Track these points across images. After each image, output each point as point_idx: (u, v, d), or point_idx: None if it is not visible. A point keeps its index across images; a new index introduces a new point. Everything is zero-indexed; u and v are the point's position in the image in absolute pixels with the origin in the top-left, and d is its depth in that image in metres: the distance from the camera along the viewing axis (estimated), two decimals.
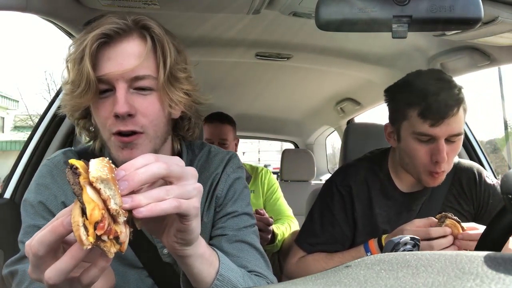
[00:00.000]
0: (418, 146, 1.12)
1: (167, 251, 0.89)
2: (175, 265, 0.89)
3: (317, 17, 0.72)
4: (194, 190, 0.57)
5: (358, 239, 1.25)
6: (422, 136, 1.11)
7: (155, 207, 0.51)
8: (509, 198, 0.61)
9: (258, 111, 3.16)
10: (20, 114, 19.76)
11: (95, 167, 0.48)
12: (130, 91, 0.78)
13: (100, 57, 0.76)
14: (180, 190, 0.54)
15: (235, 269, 0.75)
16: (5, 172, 2.42)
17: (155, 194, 0.51)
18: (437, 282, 0.34)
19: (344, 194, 1.27)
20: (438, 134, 1.08)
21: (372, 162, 1.32)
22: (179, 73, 0.82)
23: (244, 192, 0.96)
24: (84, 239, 0.45)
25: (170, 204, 0.52)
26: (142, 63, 0.76)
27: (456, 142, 1.11)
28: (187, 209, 0.54)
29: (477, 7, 0.71)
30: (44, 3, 1.05)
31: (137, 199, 0.50)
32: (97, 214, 0.46)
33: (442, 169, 1.11)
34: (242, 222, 0.90)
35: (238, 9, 1.21)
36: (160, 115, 0.81)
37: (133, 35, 0.78)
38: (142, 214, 0.50)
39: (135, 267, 0.88)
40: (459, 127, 1.09)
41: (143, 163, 0.52)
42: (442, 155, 1.08)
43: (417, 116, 1.10)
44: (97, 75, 0.75)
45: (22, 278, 0.76)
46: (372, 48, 1.73)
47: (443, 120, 1.07)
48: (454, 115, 1.07)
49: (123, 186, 0.49)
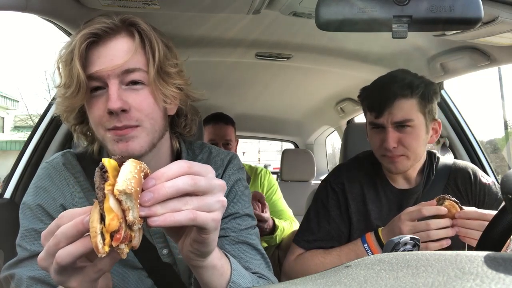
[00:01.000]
0: (373, 134, 1.26)
1: (166, 251, 0.89)
2: (175, 265, 0.90)
3: (317, 17, 0.72)
4: (217, 204, 0.56)
5: (353, 235, 1.27)
6: (373, 125, 1.25)
7: (170, 218, 0.51)
8: (509, 198, 0.61)
9: (258, 111, 3.16)
10: (20, 114, 19.75)
11: (124, 177, 0.48)
12: (122, 87, 0.78)
13: (90, 56, 0.77)
14: (200, 202, 0.54)
15: (246, 275, 0.74)
16: (5, 172, 2.42)
17: (173, 204, 0.52)
18: (437, 282, 0.34)
19: (338, 191, 1.31)
20: (383, 122, 1.20)
21: (364, 161, 1.38)
22: (169, 68, 0.82)
23: (245, 193, 0.96)
24: (100, 247, 0.47)
25: (185, 216, 0.52)
26: (131, 57, 0.77)
27: (407, 130, 1.19)
28: (204, 222, 0.54)
29: (477, 7, 0.71)
30: (44, 3, 1.05)
31: (154, 209, 0.51)
32: (115, 224, 0.48)
33: (395, 153, 1.19)
34: (244, 224, 0.90)
35: (238, 9, 1.21)
36: (155, 109, 0.81)
37: (121, 33, 0.79)
38: (155, 224, 0.51)
39: (134, 268, 0.88)
40: (402, 115, 1.18)
41: (174, 173, 0.52)
42: (388, 141, 1.18)
43: (367, 109, 1.27)
44: (88, 73, 0.76)
45: (19, 282, 0.76)
46: (372, 48, 1.73)
47: (383, 111, 1.19)
48: (394, 105, 1.18)
49: (148, 197, 0.50)
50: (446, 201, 1.06)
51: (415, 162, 1.25)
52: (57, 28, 1.25)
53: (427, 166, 1.31)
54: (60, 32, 1.28)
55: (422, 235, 1.04)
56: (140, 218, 0.50)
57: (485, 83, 26.18)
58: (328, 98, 2.67)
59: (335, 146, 6.79)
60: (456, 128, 1.87)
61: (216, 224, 0.57)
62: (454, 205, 1.05)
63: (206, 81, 2.25)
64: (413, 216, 1.07)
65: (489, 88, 25.92)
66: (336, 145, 6.27)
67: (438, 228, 1.04)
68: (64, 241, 0.52)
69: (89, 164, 0.91)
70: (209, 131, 2.10)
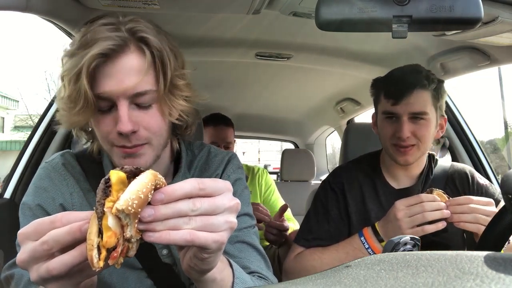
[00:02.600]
0: (386, 124, 1.26)
1: (166, 252, 0.89)
2: (174, 265, 0.89)
3: (317, 17, 0.72)
4: (224, 224, 0.53)
5: (353, 235, 1.27)
6: (388, 114, 1.25)
7: (165, 236, 0.49)
8: (509, 198, 0.61)
9: (258, 111, 3.16)
10: (20, 114, 19.75)
11: (128, 196, 0.46)
12: (132, 106, 0.76)
13: (98, 74, 0.73)
14: (204, 222, 0.51)
15: (248, 281, 0.73)
16: (5, 172, 2.42)
17: (173, 222, 0.50)
18: (437, 282, 0.34)
19: (337, 191, 1.33)
20: (399, 111, 1.21)
21: (363, 162, 1.40)
22: (178, 80, 0.80)
23: (244, 193, 0.96)
24: (95, 261, 0.46)
25: (181, 237, 0.50)
26: (142, 79, 0.74)
27: (421, 122, 1.21)
28: (204, 243, 0.51)
29: (477, 7, 0.71)
30: (44, 3, 1.05)
31: (153, 225, 0.49)
32: (113, 241, 0.46)
33: (408, 143, 1.21)
34: (243, 223, 0.90)
35: (238, 9, 1.21)
36: (162, 126, 0.81)
37: (130, 49, 0.74)
38: (150, 240, 0.49)
39: (134, 268, 0.88)
40: (419, 107, 1.20)
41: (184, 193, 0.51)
42: (403, 131, 1.19)
43: (383, 97, 1.26)
44: (97, 92, 0.73)
45: (18, 282, 0.76)
46: (372, 48, 1.73)
47: (402, 99, 1.19)
48: (413, 95, 1.19)
49: (149, 213, 0.49)
50: (434, 191, 1.12)
51: (423, 155, 1.27)
52: (57, 28, 1.25)
53: (426, 166, 1.33)
54: (60, 32, 1.28)
55: (418, 217, 1.07)
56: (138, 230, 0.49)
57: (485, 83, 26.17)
58: (328, 98, 2.67)
59: (335, 146, 6.79)
60: (456, 128, 1.87)
61: (220, 246, 0.54)
62: (441, 195, 1.11)
63: (206, 81, 2.25)
64: (410, 202, 1.10)
65: (489, 88, 25.92)
66: (336, 145, 6.27)
67: (432, 210, 1.07)
68: (57, 248, 0.50)
69: (89, 164, 0.91)
70: (210, 133, 2.10)
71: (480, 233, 0.98)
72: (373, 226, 1.18)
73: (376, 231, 1.16)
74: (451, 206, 1.07)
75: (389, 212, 1.14)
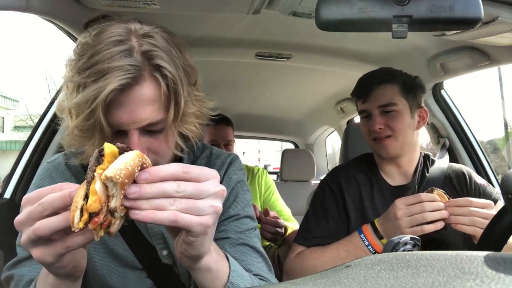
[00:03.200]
0: (363, 123, 1.36)
1: (166, 252, 0.89)
2: (175, 266, 0.89)
3: (317, 17, 0.72)
4: (209, 209, 0.55)
5: (351, 232, 1.27)
6: (362, 113, 1.35)
7: (150, 215, 0.51)
8: (509, 198, 0.61)
9: (258, 111, 3.16)
10: (20, 114, 19.75)
11: (117, 166, 0.49)
12: (142, 131, 0.74)
13: (110, 104, 0.68)
14: (189, 204, 0.53)
15: (245, 276, 0.73)
16: (5, 172, 2.42)
17: (158, 202, 0.52)
18: (437, 282, 0.34)
19: (335, 190, 1.35)
20: (369, 107, 1.31)
21: (360, 161, 1.44)
22: (191, 107, 0.79)
23: (246, 195, 0.96)
24: (76, 222, 0.48)
25: (166, 217, 0.51)
26: (155, 109, 0.72)
27: (392, 114, 1.28)
28: (188, 225, 0.53)
29: (477, 7, 0.71)
30: (44, 3, 1.05)
31: (139, 203, 0.51)
32: (96, 206, 0.49)
33: (382, 134, 1.28)
34: (244, 225, 0.90)
35: (238, 9, 1.21)
36: (170, 148, 0.80)
37: (144, 78, 0.70)
38: (136, 217, 0.51)
39: (134, 268, 0.88)
40: (386, 99, 1.28)
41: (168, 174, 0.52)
42: (375, 123, 1.28)
43: (356, 99, 1.38)
44: (108, 121, 0.70)
45: (18, 282, 0.76)
46: (372, 48, 1.73)
47: (369, 95, 1.30)
48: (378, 89, 1.29)
49: (134, 190, 0.51)
50: (434, 191, 1.13)
51: (404, 145, 1.30)
52: (57, 28, 1.25)
53: (421, 164, 1.36)
54: (60, 32, 1.28)
55: (417, 217, 1.08)
56: (124, 207, 0.51)
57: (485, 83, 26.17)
58: (328, 98, 2.67)
59: (335, 146, 6.79)
60: (456, 128, 1.87)
61: (204, 229, 0.55)
62: (442, 195, 1.11)
63: (206, 81, 2.24)
64: (409, 201, 1.11)
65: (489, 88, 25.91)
66: (336, 145, 6.27)
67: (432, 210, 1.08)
68: (49, 210, 0.52)
69: None
70: (210, 132, 2.13)
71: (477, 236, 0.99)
72: (373, 223, 1.19)
73: (375, 228, 1.17)
74: (450, 207, 1.08)
75: (389, 210, 1.14)
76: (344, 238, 1.24)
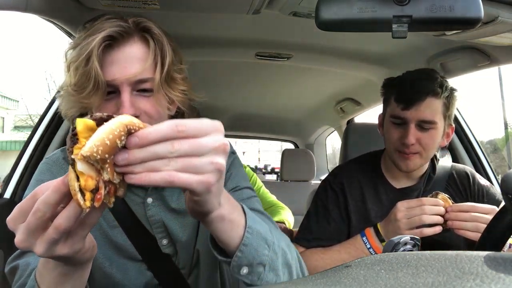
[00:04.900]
0: (392, 128, 1.24)
1: (166, 241, 0.90)
2: (174, 256, 0.91)
3: (317, 17, 0.72)
4: (209, 166, 0.51)
5: (353, 235, 1.27)
6: (396, 119, 1.22)
7: (145, 177, 0.48)
8: (509, 198, 0.61)
9: (258, 111, 3.16)
10: (20, 114, 19.75)
11: (93, 142, 0.45)
12: (134, 93, 0.80)
13: (104, 60, 0.77)
14: (185, 163, 0.49)
15: (262, 223, 0.72)
16: (5, 172, 2.42)
17: (151, 164, 0.49)
18: (437, 282, 0.34)
19: (337, 191, 1.33)
20: (408, 117, 1.19)
21: (363, 162, 1.40)
22: (175, 74, 0.84)
23: (241, 170, 0.98)
24: (82, 203, 0.46)
25: (161, 178, 0.49)
26: (145, 66, 0.79)
27: (429, 131, 1.19)
28: (186, 184, 0.50)
29: (477, 7, 0.70)
30: (44, 3, 1.05)
31: (131, 168, 0.49)
32: (91, 184, 0.47)
33: (412, 150, 1.19)
34: (245, 194, 0.92)
35: (238, 9, 1.21)
36: (162, 114, 0.84)
37: (134, 38, 0.80)
38: (132, 181, 0.49)
39: (135, 260, 0.89)
40: (429, 115, 1.17)
41: (161, 136, 0.49)
42: (409, 137, 1.17)
43: (394, 101, 1.23)
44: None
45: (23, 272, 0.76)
46: (372, 48, 1.72)
47: (412, 105, 1.17)
48: (424, 102, 1.17)
49: (122, 157, 0.48)
50: (439, 195, 1.11)
51: (425, 163, 1.26)
52: (57, 28, 1.25)
53: (429, 167, 1.33)
54: (60, 32, 1.28)
55: (415, 219, 1.07)
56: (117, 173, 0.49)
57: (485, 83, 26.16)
58: (328, 98, 2.67)
59: (335, 146, 6.78)
60: (456, 128, 1.87)
61: (206, 188, 0.52)
62: (446, 200, 1.10)
63: (206, 81, 2.25)
64: (410, 203, 1.10)
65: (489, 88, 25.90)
66: (336, 145, 6.27)
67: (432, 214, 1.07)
68: (49, 211, 0.50)
69: None
70: None
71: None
72: (375, 226, 1.18)
73: (378, 231, 1.16)
74: (453, 212, 1.06)
75: (391, 212, 1.14)
76: (346, 241, 1.23)
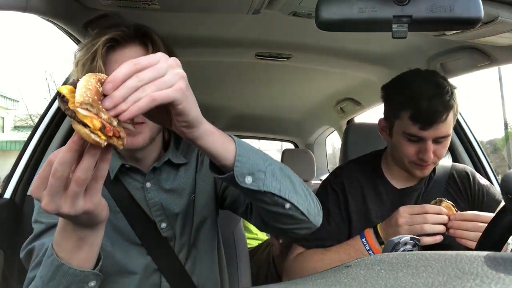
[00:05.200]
0: (407, 145, 1.20)
1: (165, 225, 0.95)
2: (172, 240, 0.96)
3: (317, 17, 0.72)
4: (174, 77, 0.60)
5: (353, 235, 1.27)
6: (411, 136, 1.18)
7: (134, 108, 0.56)
8: (509, 198, 0.61)
9: (258, 111, 3.16)
10: (20, 114, 19.73)
11: (79, 92, 0.54)
12: None
13: (107, 59, 0.87)
14: (156, 84, 0.58)
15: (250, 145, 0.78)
16: (5, 172, 2.42)
17: (132, 97, 0.57)
18: (437, 282, 0.34)
19: (338, 191, 1.33)
20: (426, 136, 1.16)
21: (364, 162, 1.40)
22: None
23: None
24: (98, 139, 0.53)
25: (145, 101, 0.57)
26: None
27: (443, 143, 1.19)
28: (167, 97, 0.59)
29: (477, 7, 0.70)
30: (44, 3, 1.05)
31: (119, 108, 0.56)
32: (97, 123, 0.53)
33: (429, 163, 1.19)
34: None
35: (238, 9, 1.21)
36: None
37: (135, 42, 0.90)
38: (126, 117, 0.56)
39: (135, 244, 0.93)
40: (446, 131, 1.17)
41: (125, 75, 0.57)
42: (429, 154, 1.16)
43: (408, 119, 1.16)
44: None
45: (39, 252, 0.79)
46: (372, 48, 1.72)
47: (431, 126, 1.13)
48: (442, 121, 1.14)
49: (108, 102, 0.55)
50: (443, 203, 1.09)
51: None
52: (57, 28, 1.25)
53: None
54: (60, 32, 1.28)
55: (417, 228, 1.06)
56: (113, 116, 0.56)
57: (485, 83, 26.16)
58: (328, 98, 2.67)
59: (335, 146, 6.79)
60: (456, 128, 1.87)
61: (182, 93, 0.61)
62: (450, 208, 1.09)
63: (206, 81, 2.25)
64: (413, 210, 1.09)
65: (489, 88, 25.93)
66: (336, 145, 6.27)
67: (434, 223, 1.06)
68: (67, 169, 0.56)
69: None
70: None
71: None
72: (375, 227, 1.18)
73: (377, 233, 1.16)
74: (456, 221, 1.05)
75: (392, 216, 1.13)
76: (345, 242, 1.23)
